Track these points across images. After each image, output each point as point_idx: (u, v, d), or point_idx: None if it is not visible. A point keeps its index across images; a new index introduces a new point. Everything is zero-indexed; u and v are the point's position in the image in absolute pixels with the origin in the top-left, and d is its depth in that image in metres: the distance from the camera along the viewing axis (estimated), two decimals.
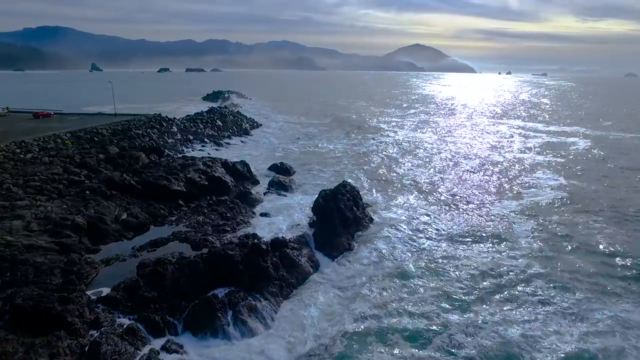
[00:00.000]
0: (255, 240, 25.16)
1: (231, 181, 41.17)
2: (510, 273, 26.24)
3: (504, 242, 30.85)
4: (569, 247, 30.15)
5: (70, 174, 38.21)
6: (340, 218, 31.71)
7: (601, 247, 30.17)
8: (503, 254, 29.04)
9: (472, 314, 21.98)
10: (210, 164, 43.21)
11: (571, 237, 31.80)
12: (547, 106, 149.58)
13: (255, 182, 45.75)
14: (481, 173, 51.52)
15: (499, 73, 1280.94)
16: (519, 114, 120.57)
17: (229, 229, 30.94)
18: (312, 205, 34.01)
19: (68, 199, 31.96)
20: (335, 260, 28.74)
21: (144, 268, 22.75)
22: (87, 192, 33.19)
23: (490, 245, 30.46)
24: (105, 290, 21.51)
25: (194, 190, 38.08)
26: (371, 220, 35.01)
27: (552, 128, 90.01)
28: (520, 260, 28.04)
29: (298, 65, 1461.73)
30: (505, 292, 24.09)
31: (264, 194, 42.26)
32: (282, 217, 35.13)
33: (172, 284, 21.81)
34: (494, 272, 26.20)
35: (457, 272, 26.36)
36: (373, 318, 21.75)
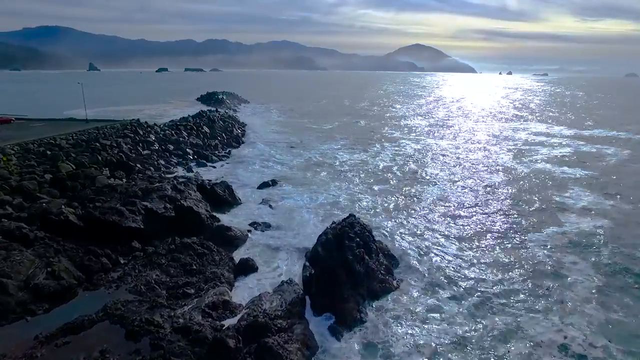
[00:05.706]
0: (219, 333, 16.37)
1: (206, 211, 32.22)
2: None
3: (566, 312, 21.87)
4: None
5: None
6: (348, 274, 22.84)
7: None
8: (572, 326, 20.19)
9: None
10: (182, 188, 34.38)
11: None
12: (559, 108, 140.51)
13: (239, 209, 36.92)
14: (511, 193, 42.43)
15: (500, 73, 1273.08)
16: (534, 117, 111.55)
17: (192, 292, 22.07)
18: (310, 250, 25.48)
19: None
20: (342, 341, 19.96)
21: None
22: None
23: (553, 314, 21.50)
24: None
25: (155, 226, 29.24)
26: (388, 270, 26.13)
27: (571, 132, 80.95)
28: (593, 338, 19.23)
29: (298, 65, 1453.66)
30: None
31: (250, 225, 33.34)
32: (269, 267, 26.33)
33: None
34: None
35: None
36: None
